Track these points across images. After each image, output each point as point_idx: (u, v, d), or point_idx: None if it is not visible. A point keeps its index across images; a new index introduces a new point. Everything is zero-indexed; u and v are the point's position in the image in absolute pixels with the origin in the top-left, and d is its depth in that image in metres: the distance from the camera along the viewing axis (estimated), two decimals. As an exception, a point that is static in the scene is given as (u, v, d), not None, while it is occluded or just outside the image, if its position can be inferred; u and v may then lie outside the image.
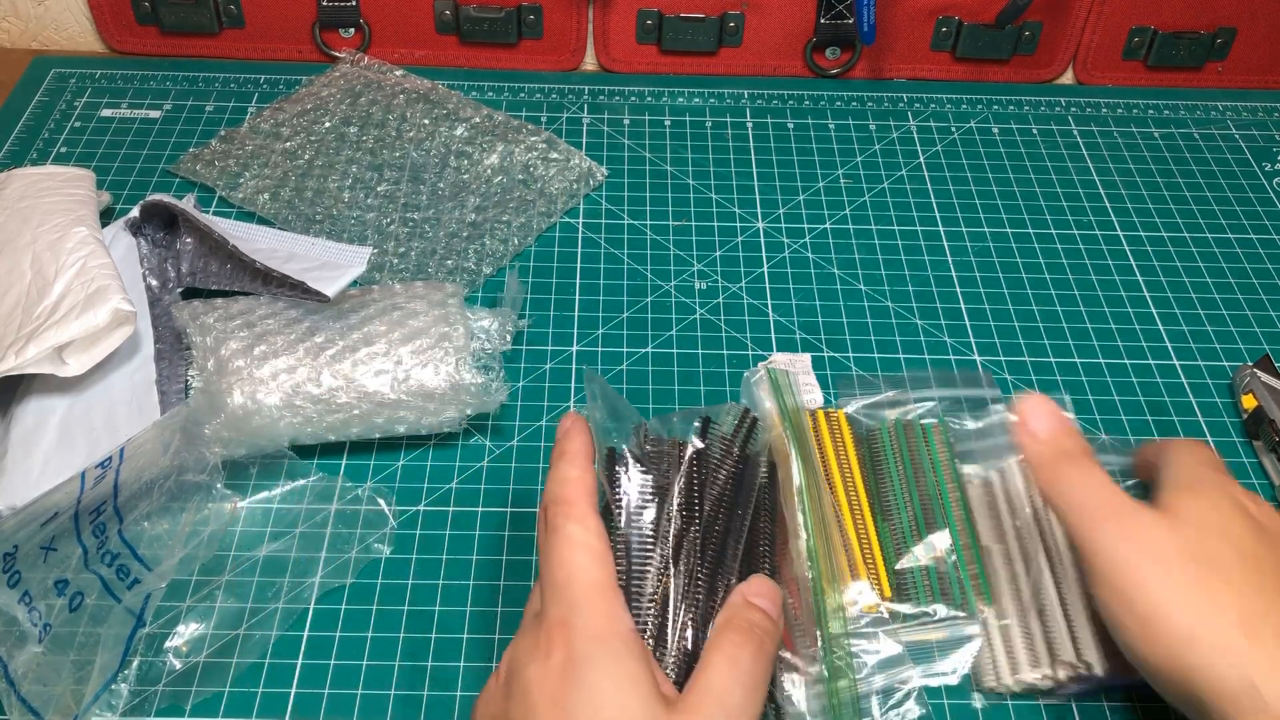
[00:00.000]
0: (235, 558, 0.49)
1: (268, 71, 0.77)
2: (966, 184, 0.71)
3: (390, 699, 0.45)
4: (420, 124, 0.71)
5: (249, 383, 0.51)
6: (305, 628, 0.47)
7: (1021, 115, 0.77)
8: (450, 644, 0.47)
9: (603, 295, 0.62)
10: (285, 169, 0.68)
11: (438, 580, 0.49)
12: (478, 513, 0.52)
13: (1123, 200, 0.70)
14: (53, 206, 0.57)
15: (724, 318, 0.61)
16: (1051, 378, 0.59)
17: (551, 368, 0.58)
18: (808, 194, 0.70)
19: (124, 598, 0.44)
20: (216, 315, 0.54)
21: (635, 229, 0.66)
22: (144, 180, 0.68)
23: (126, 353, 0.54)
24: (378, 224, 0.65)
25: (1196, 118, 0.77)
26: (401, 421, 0.52)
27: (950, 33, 0.77)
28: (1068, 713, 0.45)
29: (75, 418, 0.51)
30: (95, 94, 0.74)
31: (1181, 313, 0.63)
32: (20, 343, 0.49)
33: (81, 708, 0.42)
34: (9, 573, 0.42)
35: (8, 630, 0.42)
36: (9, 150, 0.69)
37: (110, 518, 0.46)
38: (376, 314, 0.54)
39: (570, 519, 0.39)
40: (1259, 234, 0.68)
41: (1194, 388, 0.59)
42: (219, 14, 0.76)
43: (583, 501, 0.40)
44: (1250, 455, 0.56)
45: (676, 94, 0.77)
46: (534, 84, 0.77)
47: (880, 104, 0.77)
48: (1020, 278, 0.65)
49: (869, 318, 0.62)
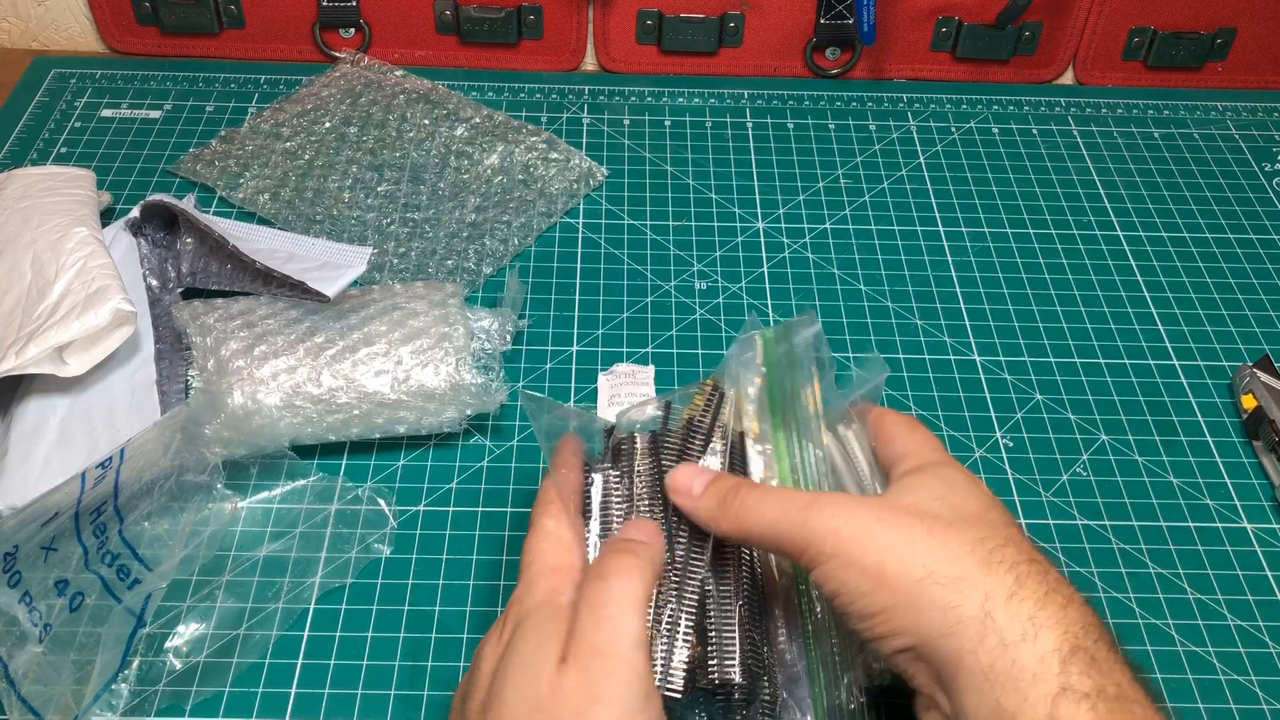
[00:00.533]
0: (235, 558, 0.49)
1: (268, 71, 0.77)
2: (966, 184, 0.71)
3: (390, 699, 0.45)
4: (420, 124, 0.71)
5: (249, 383, 0.51)
6: (305, 628, 0.47)
7: (1021, 115, 0.77)
8: (450, 644, 0.47)
9: (603, 295, 0.62)
10: (285, 169, 0.68)
11: (438, 580, 0.49)
12: (478, 513, 0.52)
13: (1122, 200, 0.70)
14: (53, 207, 0.57)
15: (724, 318, 0.61)
16: (1051, 378, 0.59)
17: (551, 368, 0.58)
18: (808, 194, 0.70)
19: (124, 598, 0.44)
20: (216, 315, 0.54)
21: (635, 229, 0.66)
22: (144, 180, 0.68)
23: (127, 353, 0.54)
24: (378, 224, 0.65)
25: (1196, 118, 0.77)
26: (401, 422, 0.52)
27: (950, 33, 0.77)
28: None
29: (75, 418, 0.51)
30: (95, 94, 0.74)
31: (1181, 313, 0.63)
32: (21, 343, 0.49)
33: (82, 708, 0.42)
34: (9, 573, 0.42)
35: (8, 630, 0.42)
36: (9, 150, 0.69)
37: (110, 518, 0.46)
38: (376, 314, 0.54)
39: (545, 514, 0.41)
40: (1259, 234, 0.68)
41: (1194, 388, 0.59)
42: (219, 14, 0.76)
43: (557, 500, 0.41)
44: (1250, 455, 0.56)
45: (676, 94, 0.77)
46: (534, 84, 0.77)
47: (880, 104, 0.77)
48: (1020, 278, 0.65)
49: (869, 318, 0.62)
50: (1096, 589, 0.50)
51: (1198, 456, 0.56)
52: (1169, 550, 0.51)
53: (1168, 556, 0.51)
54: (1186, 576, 0.50)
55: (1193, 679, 0.47)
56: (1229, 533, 0.52)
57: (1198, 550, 0.52)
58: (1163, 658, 0.48)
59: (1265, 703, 0.46)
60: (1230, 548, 0.52)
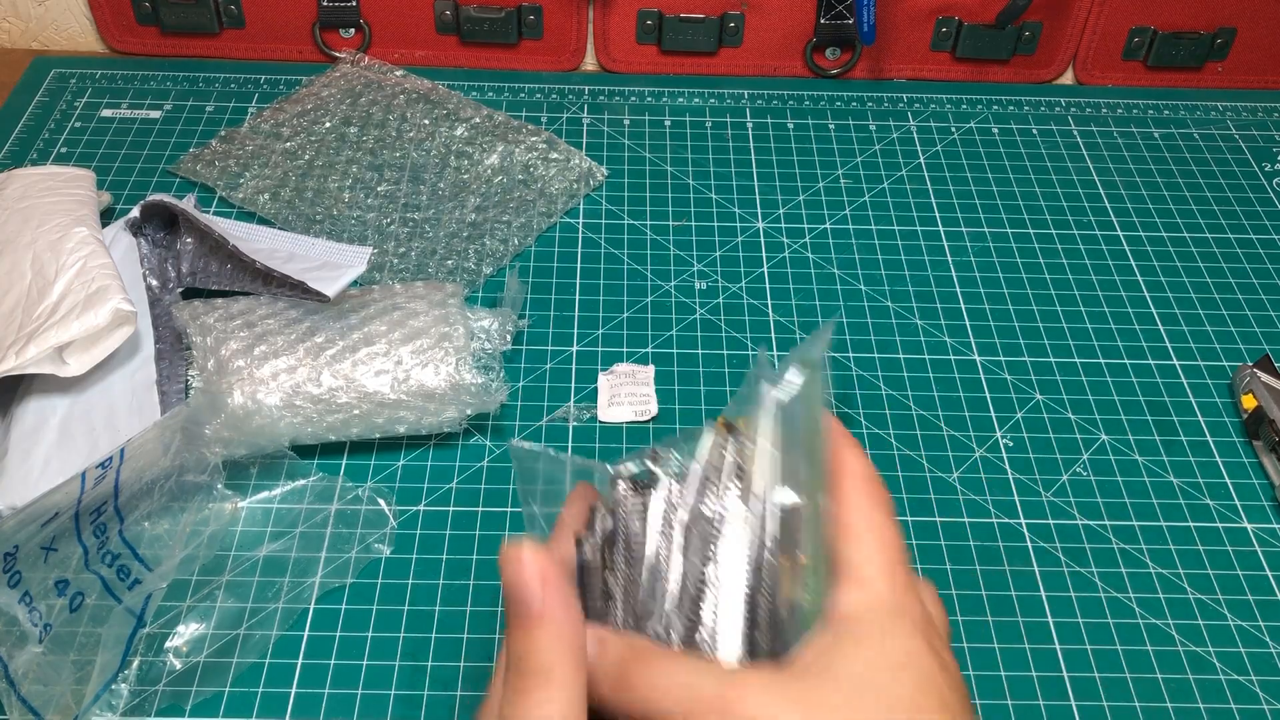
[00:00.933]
0: (235, 558, 0.49)
1: (268, 71, 0.77)
2: (966, 184, 0.71)
3: (390, 699, 0.45)
4: (420, 124, 0.71)
5: (249, 383, 0.51)
6: (305, 628, 0.47)
7: (1021, 115, 0.77)
8: (450, 644, 0.47)
9: (603, 295, 0.62)
10: (285, 169, 0.68)
11: (438, 580, 0.49)
12: (478, 513, 0.52)
13: (1122, 200, 0.70)
14: (53, 206, 0.57)
15: (724, 318, 0.61)
16: (1052, 378, 0.59)
17: (551, 368, 0.58)
18: (808, 194, 0.70)
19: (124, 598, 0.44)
20: (216, 315, 0.54)
21: (635, 229, 0.66)
22: (144, 180, 0.68)
23: (126, 353, 0.54)
24: (378, 224, 0.65)
25: (1196, 118, 0.77)
26: (401, 421, 0.52)
27: (950, 33, 0.77)
28: (1068, 714, 0.46)
29: (75, 418, 0.51)
30: (95, 94, 0.74)
31: (1181, 313, 0.63)
32: (20, 343, 0.49)
33: (82, 708, 0.42)
34: (9, 573, 0.42)
35: (8, 630, 0.42)
36: (9, 150, 0.69)
37: (111, 518, 0.46)
38: (376, 314, 0.54)
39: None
40: (1259, 234, 0.68)
41: (1194, 388, 0.59)
42: (219, 14, 0.76)
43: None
44: (1250, 455, 0.56)
45: (676, 94, 0.77)
46: (534, 84, 0.77)
47: (880, 104, 0.77)
48: (1020, 278, 0.65)
49: (869, 318, 0.62)
50: (1097, 589, 0.50)
51: (1198, 456, 0.56)
52: (1169, 550, 0.51)
53: (1168, 556, 0.51)
54: (1186, 576, 0.51)
55: (1193, 679, 0.47)
56: (1229, 533, 0.52)
57: (1198, 550, 0.52)
58: (1163, 658, 0.48)
59: (1265, 703, 0.46)
60: (1230, 548, 0.52)
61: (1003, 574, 0.50)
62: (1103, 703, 0.46)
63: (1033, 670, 0.47)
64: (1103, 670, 0.47)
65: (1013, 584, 0.50)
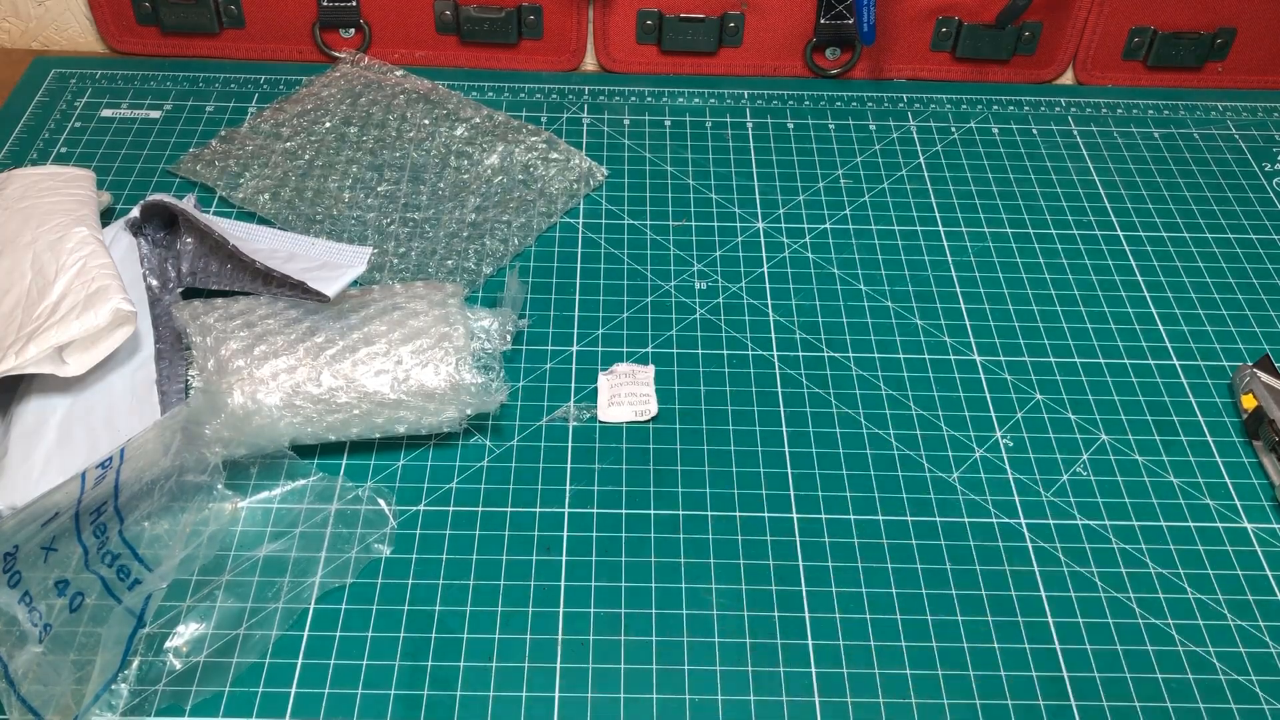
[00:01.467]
0: (235, 558, 0.49)
1: (268, 71, 0.77)
2: (966, 184, 0.71)
3: (390, 699, 0.45)
4: (420, 124, 0.71)
5: (249, 383, 0.51)
6: (305, 628, 0.47)
7: (1021, 115, 0.77)
8: (450, 644, 0.47)
9: (603, 295, 0.62)
10: (285, 169, 0.68)
11: (438, 580, 0.49)
12: (478, 513, 0.52)
13: (1123, 200, 0.70)
14: (53, 206, 0.57)
15: (724, 318, 0.61)
16: (1052, 378, 0.59)
17: (551, 368, 0.58)
18: (808, 194, 0.70)
19: (124, 598, 0.44)
20: (216, 315, 0.54)
21: (635, 229, 0.66)
22: (144, 180, 0.68)
23: (127, 353, 0.54)
24: (378, 224, 0.65)
25: (1196, 118, 0.77)
26: (401, 421, 0.52)
27: (950, 33, 0.77)
28: (1068, 714, 0.46)
29: (75, 418, 0.51)
30: (95, 94, 0.74)
31: (1181, 313, 0.63)
32: (20, 343, 0.49)
33: (82, 708, 0.42)
34: (9, 573, 0.42)
35: (8, 630, 0.42)
36: (9, 150, 0.69)
37: (111, 518, 0.46)
38: (376, 314, 0.54)
39: None
40: (1259, 234, 0.68)
41: (1194, 388, 0.59)
42: (219, 14, 0.76)
43: None
44: (1250, 455, 0.56)
45: (676, 94, 0.77)
46: (534, 84, 0.77)
47: (880, 104, 0.77)
48: (1020, 278, 0.65)
49: (869, 318, 0.62)
50: (1097, 589, 0.50)
51: (1198, 456, 0.56)
52: (1169, 550, 0.51)
53: (1168, 556, 0.51)
54: (1186, 576, 0.51)
55: (1193, 679, 0.47)
56: (1229, 533, 0.52)
57: (1198, 550, 0.52)
58: (1163, 658, 0.48)
59: (1265, 703, 0.46)
60: (1230, 548, 0.52)
61: (1003, 574, 0.50)
62: (1103, 703, 0.46)
63: (1033, 670, 0.47)
64: (1103, 670, 0.47)
65: (1013, 584, 0.50)
